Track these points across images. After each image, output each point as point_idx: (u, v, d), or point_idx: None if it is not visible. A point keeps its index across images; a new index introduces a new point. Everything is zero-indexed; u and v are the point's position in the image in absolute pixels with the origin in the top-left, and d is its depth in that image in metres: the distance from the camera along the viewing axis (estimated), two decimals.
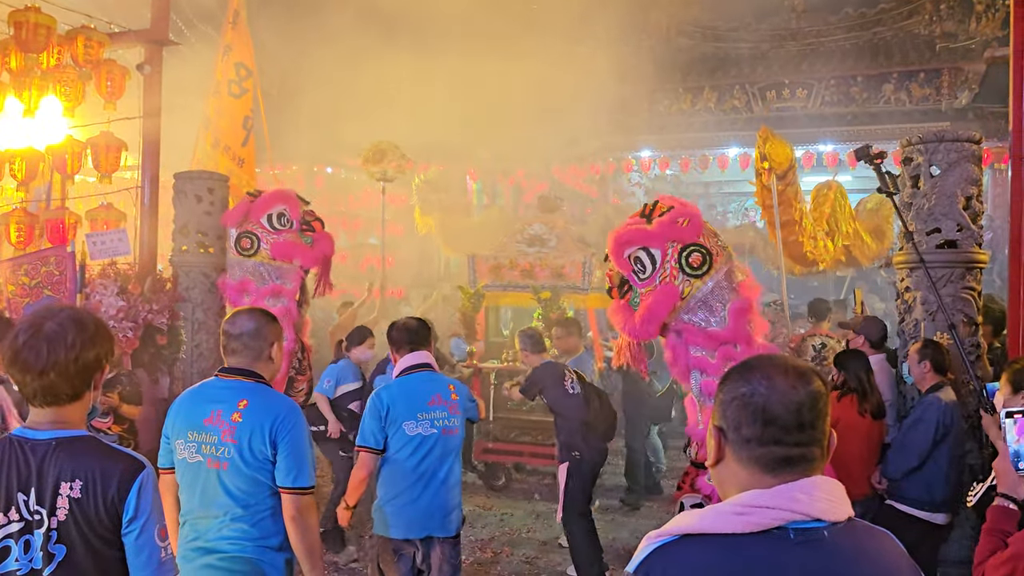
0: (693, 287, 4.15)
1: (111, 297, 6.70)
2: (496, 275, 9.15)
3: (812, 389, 1.43)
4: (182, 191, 7.10)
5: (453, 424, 4.07)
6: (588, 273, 8.75)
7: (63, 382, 2.08)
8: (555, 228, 9.19)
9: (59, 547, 2.02)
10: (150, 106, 7.61)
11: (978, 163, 5.37)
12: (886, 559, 1.44)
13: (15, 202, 7.73)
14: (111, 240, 7.16)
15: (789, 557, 1.35)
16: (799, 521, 1.37)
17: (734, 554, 1.35)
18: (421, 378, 4.11)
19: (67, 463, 2.06)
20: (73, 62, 7.50)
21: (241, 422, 2.93)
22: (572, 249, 9.00)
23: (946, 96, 13.50)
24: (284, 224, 6.17)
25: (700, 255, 4.15)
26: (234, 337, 3.07)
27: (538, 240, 9.14)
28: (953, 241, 5.22)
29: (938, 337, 5.18)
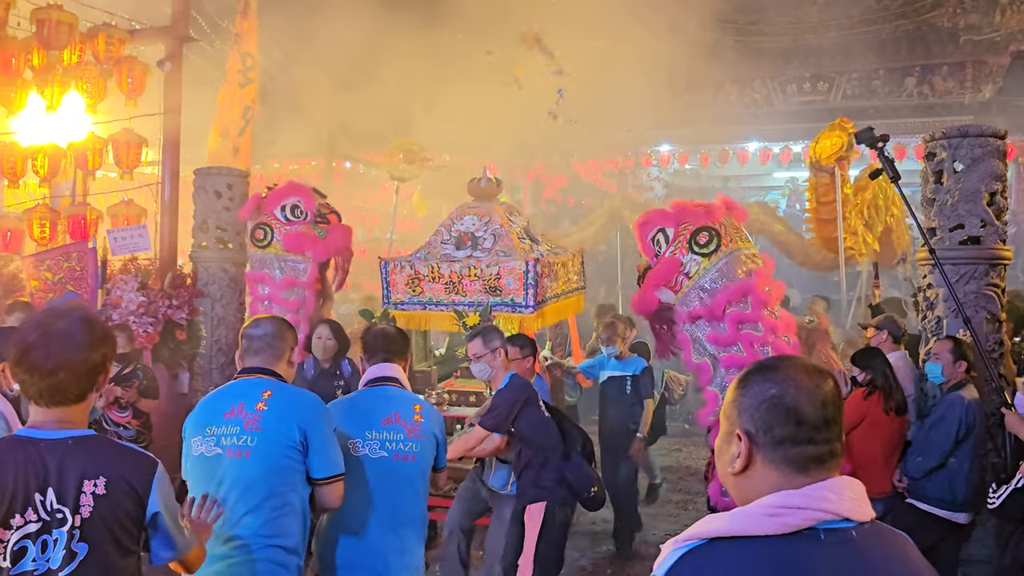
0: (700, 267, 4.21)
1: (131, 292, 6.76)
2: (412, 288, 6.30)
3: (831, 386, 1.44)
4: (201, 187, 7.17)
5: (410, 449, 3.39)
6: (532, 285, 5.90)
7: (72, 382, 2.10)
8: (493, 222, 6.37)
9: (81, 545, 2.03)
10: (170, 102, 7.66)
11: (1003, 158, 5.30)
12: (911, 562, 1.43)
13: (38, 198, 7.81)
14: (132, 236, 7.22)
15: (820, 558, 1.33)
16: (829, 521, 1.36)
17: (766, 557, 1.33)
18: (379, 393, 3.52)
19: (89, 461, 2.08)
20: (95, 59, 7.57)
21: (267, 410, 2.91)
22: (513, 251, 6.18)
23: (970, 90, 13.32)
24: (298, 216, 6.21)
25: (707, 234, 4.25)
26: (256, 339, 3.08)
27: (469, 239, 6.31)
28: (977, 237, 5.16)
29: (961, 334, 5.12)
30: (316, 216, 6.29)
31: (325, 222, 6.34)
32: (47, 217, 7.48)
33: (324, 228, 6.32)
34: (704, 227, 4.25)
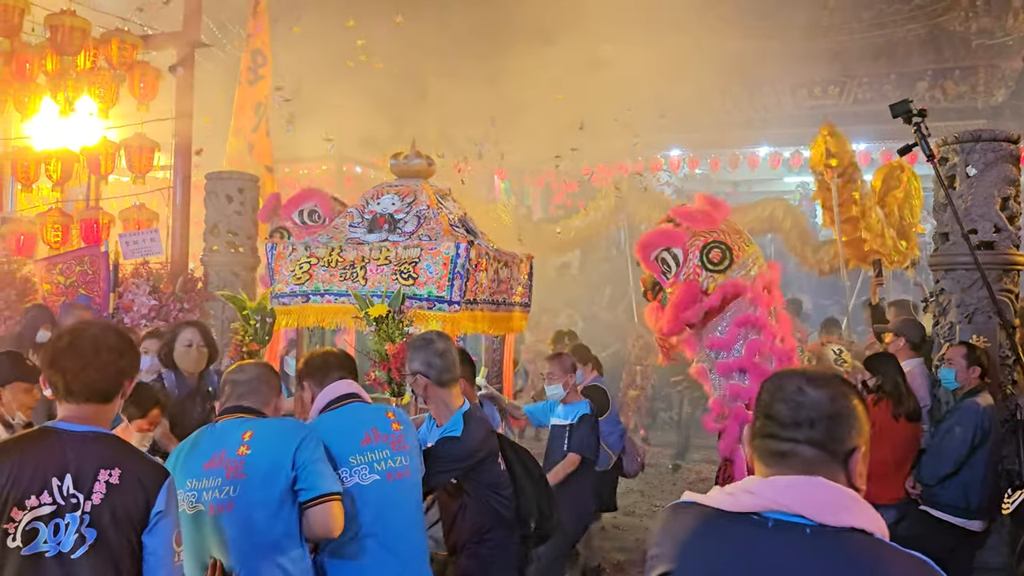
0: (717, 283, 4.22)
1: (143, 296, 6.79)
2: (299, 275, 4.76)
3: (822, 393, 1.54)
4: (213, 191, 7.20)
5: (401, 464, 2.96)
6: (462, 275, 4.47)
7: (101, 380, 2.21)
8: (417, 203, 4.88)
9: (90, 530, 2.10)
10: (182, 107, 7.70)
11: (1016, 163, 5.27)
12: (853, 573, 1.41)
13: (51, 202, 7.85)
14: (143, 240, 7.25)
15: (760, 539, 1.47)
16: (779, 512, 1.47)
17: (715, 524, 1.54)
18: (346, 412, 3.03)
19: (107, 453, 2.17)
20: (107, 64, 7.62)
21: (250, 453, 2.65)
22: (440, 235, 4.64)
23: (982, 94, 13.27)
24: (316, 220, 6.23)
25: (719, 251, 4.24)
26: (240, 383, 2.87)
27: (387, 221, 4.82)
28: (990, 242, 5.13)
29: (974, 340, 5.09)
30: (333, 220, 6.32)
31: None
32: (60, 221, 7.52)
33: None
34: (714, 243, 4.23)
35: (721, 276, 4.26)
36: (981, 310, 5.16)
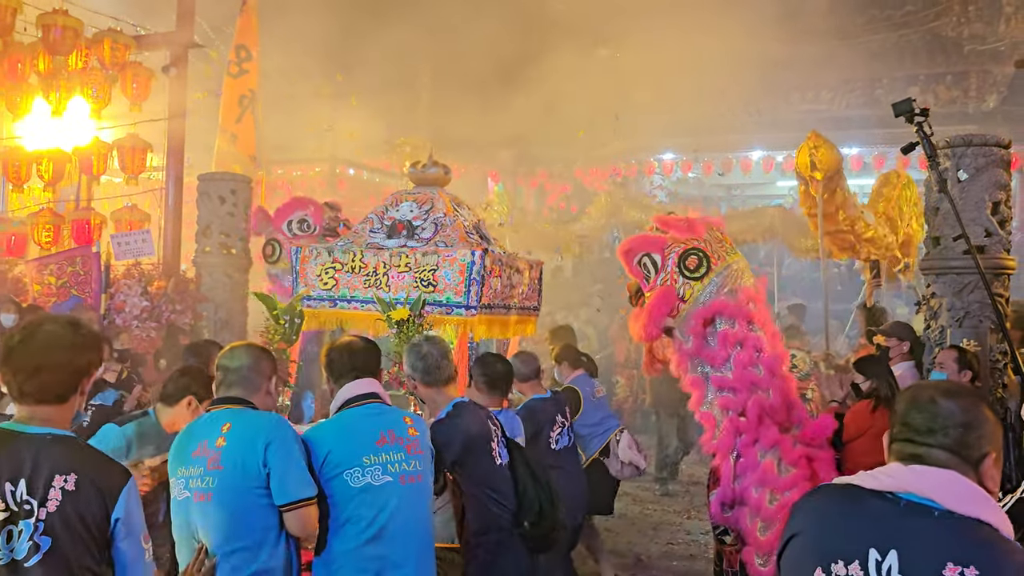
0: (693, 290, 4.23)
1: (135, 297, 6.78)
2: (326, 280, 5.12)
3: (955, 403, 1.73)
4: (205, 192, 7.19)
5: (415, 468, 2.97)
6: (478, 281, 4.81)
7: (54, 382, 2.12)
8: (435, 211, 5.23)
9: (44, 538, 2.03)
10: (175, 108, 7.68)
11: (1007, 168, 5.29)
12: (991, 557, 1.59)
13: (43, 202, 7.83)
14: (135, 241, 7.24)
15: (892, 517, 1.67)
16: (912, 495, 1.67)
17: (851, 497, 1.75)
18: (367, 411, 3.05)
19: (63, 457, 2.09)
20: (100, 64, 7.59)
21: (226, 445, 2.72)
22: (457, 242, 4.97)
23: (973, 99, 13.34)
24: (305, 230, 6.24)
25: (696, 258, 4.25)
26: (231, 371, 2.91)
27: (405, 227, 5.15)
28: (981, 247, 5.14)
29: (965, 344, 5.10)
30: (324, 229, 6.32)
31: (333, 235, 6.36)
32: (51, 222, 7.49)
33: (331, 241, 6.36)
34: (692, 251, 4.24)
35: (698, 283, 4.26)
36: (972, 314, 5.18)
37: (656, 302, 4.25)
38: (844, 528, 1.72)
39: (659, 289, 4.26)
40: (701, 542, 6.79)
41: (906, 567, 1.61)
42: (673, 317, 4.30)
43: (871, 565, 1.64)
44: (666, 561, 6.45)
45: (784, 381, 4.26)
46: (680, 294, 4.22)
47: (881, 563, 1.63)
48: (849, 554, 1.67)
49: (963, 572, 1.55)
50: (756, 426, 4.14)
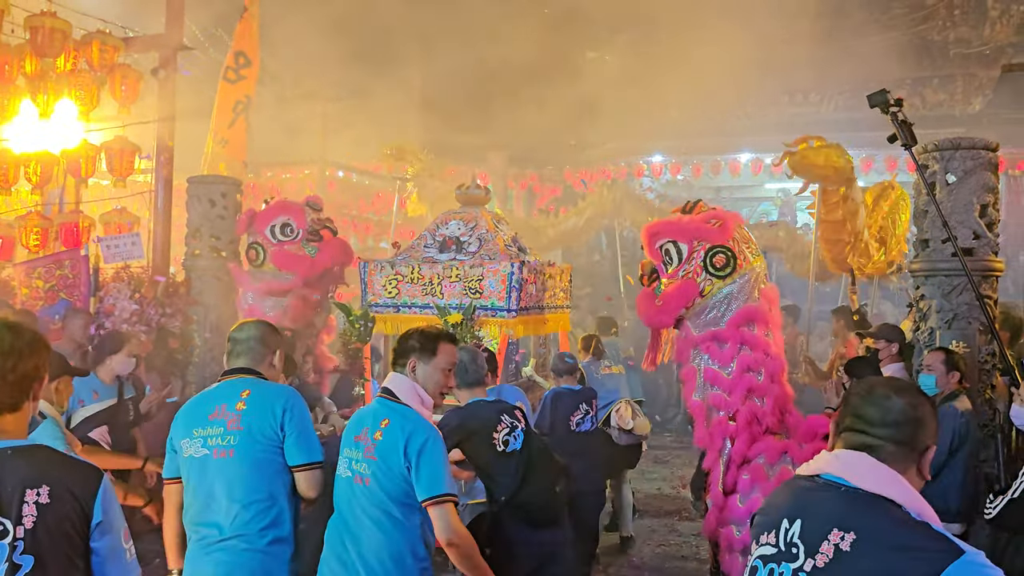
0: (715, 287, 4.25)
1: (124, 301, 6.73)
2: (390, 290, 6.19)
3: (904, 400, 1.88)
4: (195, 195, 7.16)
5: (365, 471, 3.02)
6: (515, 288, 5.84)
7: (2, 392, 2.04)
8: (478, 228, 6.29)
9: (26, 557, 1.95)
10: (164, 110, 7.65)
11: (994, 170, 5.33)
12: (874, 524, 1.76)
13: (30, 205, 7.77)
14: (124, 244, 7.20)
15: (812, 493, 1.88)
16: (829, 475, 1.87)
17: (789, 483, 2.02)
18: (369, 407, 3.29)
19: (29, 470, 2.01)
20: (88, 66, 7.55)
21: (246, 408, 3.04)
22: (498, 256, 6.07)
23: (960, 102, 13.43)
24: (288, 235, 6.24)
25: (724, 256, 4.26)
26: (240, 342, 3.21)
27: (454, 243, 6.23)
28: (969, 249, 5.17)
29: (954, 346, 5.14)
30: (308, 233, 6.30)
31: (317, 239, 6.33)
32: (39, 224, 7.43)
33: (315, 246, 6.32)
34: (720, 248, 4.26)
35: (720, 282, 4.29)
36: (961, 315, 5.21)
37: (676, 293, 4.27)
38: (774, 506, 1.97)
39: (680, 281, 4.29)
40: (692, 543, 6.81)
41: (804, 533, 1.82)
42: (687, 309, 4.33)
43: (781, 533, 1.87)
44: (658, 562, 6.47)
45: (781, 388, 4.29)
46: (700, 288, 4.25)
47: (788, 530, 1.85)
48: (770, 525, 1.91)
49: (843, 536, 1.74)
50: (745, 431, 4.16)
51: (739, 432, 4.13)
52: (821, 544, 1.76)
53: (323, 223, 6.52)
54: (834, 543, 1.74)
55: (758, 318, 4.19)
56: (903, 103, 4.73)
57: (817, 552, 1.77)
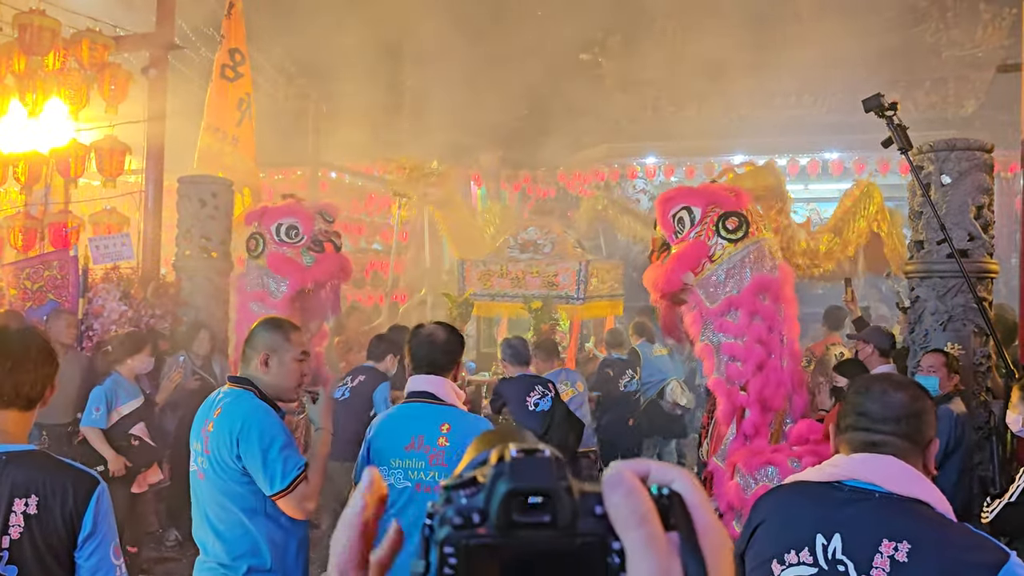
0: (725, 251, 4.16)
1: (114, 302, 6.67)
2: (485, 283, 8.37)
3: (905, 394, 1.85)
4: (186, 195, 7.09)
5: (432, 479, 2.94)
6: (583, 281, 8.04)
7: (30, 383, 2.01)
8: (551, 233, 8.58)
9: (10, 568, 1.91)
10: (154, 110, 7.59)
11: (989, 172, 5.32)
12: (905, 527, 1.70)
13: (19, 205, 7.71)
14: (114, 244, 7.14)
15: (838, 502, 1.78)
16: (855, 481, 1.77)
17: (802, 490, 1.90)
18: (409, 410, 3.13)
19: (20, 478, 1.95)
20: (78, 65, 7.49)
21: (212, 431, 2.82)
22: (567, 256, 8.31)
23: (952, 105, 13.45)
24: (292, 238, 6.13)
25: (737, 220, 4.19)
26: (245, 344, 3.04)
27: (532, 245, 8.41)
28: (964, 251, 5.16)
29: (949, 348, 5.12)
30: (311, 241, 6.18)
31: (318, 249, 6.22)
32: (27, 225, 7.37)
33: (314, 255, 6.20)
34: (734, 212, 4.20)
35: (731, 246, 4.21)
36: (955, 317, 5.20)
37: (685, 252, 4.18)
38: (795, 519, 1.85)
39: (691, 241, 4.19)
40: None
41: (848, 548, 1.72)
42: (696, 274, 4.23)
43: (819, 550, 1.76)
44: None
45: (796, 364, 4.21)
46: (711, 252, 4.16)
47: (827, 547, 1.75)
48: (799, 542, 1.79)
49: (897, 547, 1.66)
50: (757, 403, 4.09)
51: (751, 404, 4.06)
52: (874, 558, 1.68)
53: (329, 236, 6.35)
54: (888, 555, 1.66)
55: (773, 290, 4.11)
56: (898, 107, 4.71)
57: (871, 567, 1.68)
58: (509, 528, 0.50)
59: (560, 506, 0.50)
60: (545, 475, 0.51)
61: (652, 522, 0.51)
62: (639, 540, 0.50)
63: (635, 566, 0.50)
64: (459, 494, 0.52)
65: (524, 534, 0.50)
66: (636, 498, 0.51)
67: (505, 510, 0.50)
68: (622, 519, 0.50)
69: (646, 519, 0.51)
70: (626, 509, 0.51)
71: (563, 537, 0.50)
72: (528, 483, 0.50)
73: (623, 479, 0.52)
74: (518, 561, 0.51)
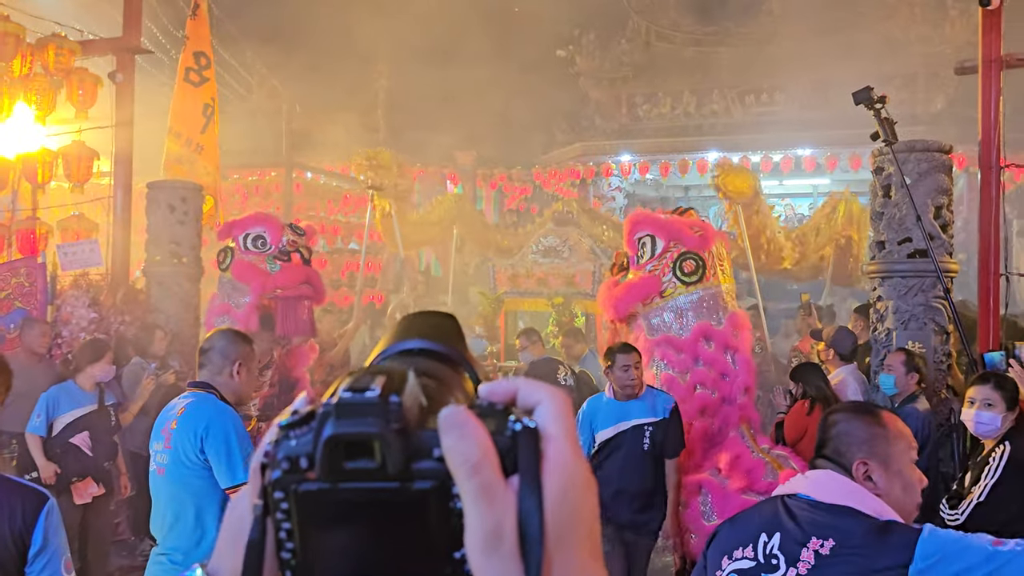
0: (676, 291, 4.22)
1: (83, 309, 6.63)
2: (513, 283, 9.85)
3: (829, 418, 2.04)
4: (155, 200, 7.06)
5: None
6: (598, 281, 8.87)
7: None
8: (568, 240, 9.90)
9: None
10: (122, 115, 7.53)
11: (948, 172, 5.40)
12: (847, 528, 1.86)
13: None
14: (82, 251, 7.09)
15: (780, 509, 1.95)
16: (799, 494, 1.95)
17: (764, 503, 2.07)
18: None
19: None
20: (44, 70, 7.41)
21: (176, 428, 3.04)
22: (583, 259, 9.65)
23: (922, 100, 13.58)
24: (259, 247, 6.09)
25: (694, 263, 4.24)
26: (203, 352, 3.23)
27: (552, 251, 9.84)
28: (924, 250, 5.24)
29: (910, 346, 5.20)
30: (279, 251, 6.15)
31: (285, 258, 6.18)
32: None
33: (279, 264, 6.16)
34: (692, 255, 4.24)
35: (683, 288, 4.27)
36: (917, 316, 5.28)
37: (637, 285, 4.25)
38: (747, 523, 2.04)
39: (645, 275, 4.25)
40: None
41: (783, 545, 1.90)
42: (644, 305, 4.30)
43: (760, 547, 1.94)
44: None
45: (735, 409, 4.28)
46: (662, 288, 4.22)
47: (767, 544, 1.93)
48: (746, 540, 1.98)
49: (823, 543, 1.83)
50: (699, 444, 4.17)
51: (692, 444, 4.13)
52: (801, 552, 1.86)
53: (297, 246, 6.31)
54: (813, 550, 1.84)
55: (716, 338, 4.18)
56: (887, 100, 4.77)
57: (798, 560, 1.86)
58: (336, 474, 0.47)
59: (390, 451, 0.46)
60: (371, 419, 0.46)
61: (484, 470, 0.47)
62: (469, 492, 0.46)
63: (467, 520, 0.47)
64: (290, 434, 0.48)
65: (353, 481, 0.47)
66: (468, 443, 0.47)
67: (329, 456, 0.47)
68: (454, 468, 0.47)
69: (479, 468, 0.47)
70: (458, 456, 0.47)
71: (396, 483, 0.47)
72: (350, 428, 0.46)
73: (457, 420, 0.48)
74: (351, 506, 0.47)
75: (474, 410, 0.49)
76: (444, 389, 0.52)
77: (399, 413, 0.47)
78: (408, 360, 0.55)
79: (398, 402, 0.47)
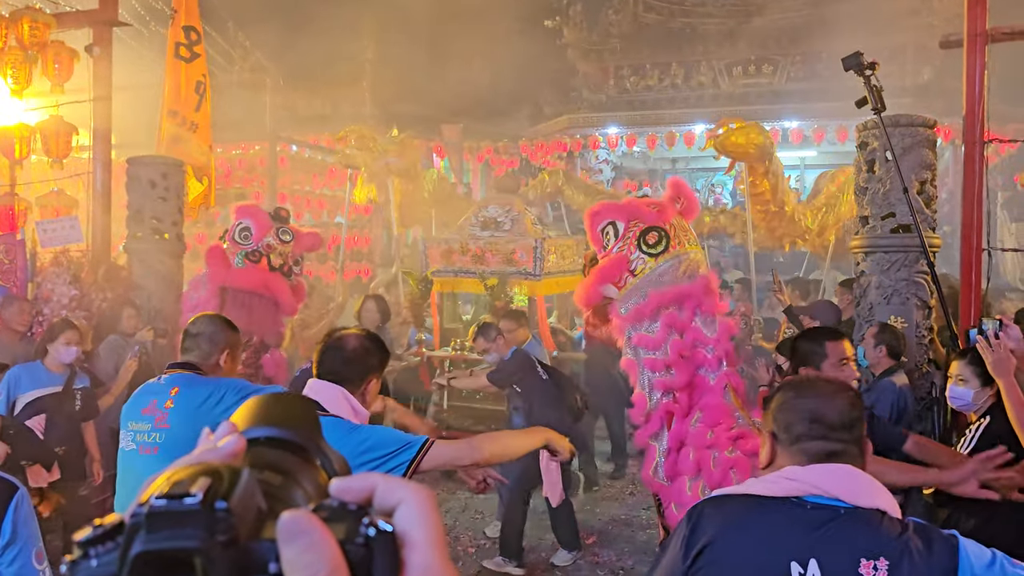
0: (647, 265, 4.20)
1: (63, 286, 6.57)
2: (447, 260, 8.54)
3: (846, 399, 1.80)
4: (136, 176, 6.98)
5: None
6: (540, 258, 8.08)
7: None
8: (512, 210, 8.57)
9: None
10: (100, 90, 7.42)
11: (932, 147, 5.39)
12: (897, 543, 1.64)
13: None
14: (62, 227, 7.02)
15: (801, 522, 1.69)
16: (818, 496, 1.70)
17: (756, 508, 1.76)
18: None
19: None
20: (19, 44, 7.28)
21: (172, 407, 3.01)
22: (526, 232, 8.35)
23: (910, 73, 13.54)
24: (245, 239, 6.09)
25: (657, 234, 4.21)
26: (190, 336, 3.20)
27: (492, 223, 8.47)
28: (907, 225, 5.24)
29: (892, 321, 5.22)
30: (252, 250, 6.09)
31: (254, 259, 6.12)
32: None
33: (246, 264, 6.12)
34: (654, 227, 4.21)
35: (651, 260, 4.25)
36: (899, 292, 5.29)
37: (606, 267, 4.21)
38: (757, 542, 1.72)
39: (613, 256, 4.23)
40: (643, 518, 6.90)
41: (827, 573, 1.65)
42: (618, 288, 4.27)
43: None
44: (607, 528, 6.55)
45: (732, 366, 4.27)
46: (632, 267, 4.20)
47: (804, 575, 1.67)
48: (771, 570, 1.68)
49: (876, 565, 1.63)
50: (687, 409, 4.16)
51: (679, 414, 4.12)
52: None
53: (271, 252, 6.19)
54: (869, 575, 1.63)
55: (685, 299, 4.16)
56: (877, 67, 4.74)
57: None
58: None
59: (214, 569, 0.39)
60: (191, 531, 0.40)
61: None
62: None
63: None
64: (89, 553, 0.41)
65: None
66: (313, 555, 0.41)
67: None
68: None
69: None
70: (300, 572, 0.41)
71: None
72: (165, 543, 0.40)
73: (299, 527, 0.42)
74: None
75: (322, 513, 0.43)
76: (291, 486, 0.46)
77: (227, 522, 0.40)
78: (251, 451, 0.49)
79: (225, 508, 0.41)
